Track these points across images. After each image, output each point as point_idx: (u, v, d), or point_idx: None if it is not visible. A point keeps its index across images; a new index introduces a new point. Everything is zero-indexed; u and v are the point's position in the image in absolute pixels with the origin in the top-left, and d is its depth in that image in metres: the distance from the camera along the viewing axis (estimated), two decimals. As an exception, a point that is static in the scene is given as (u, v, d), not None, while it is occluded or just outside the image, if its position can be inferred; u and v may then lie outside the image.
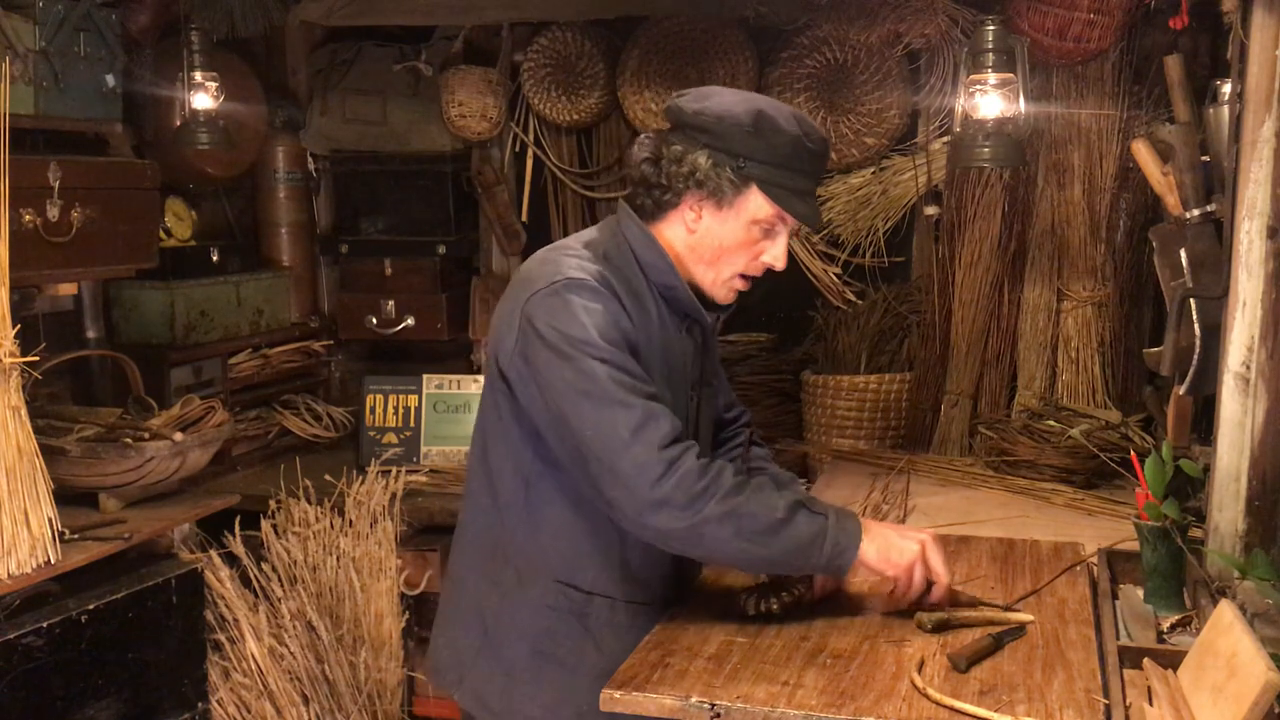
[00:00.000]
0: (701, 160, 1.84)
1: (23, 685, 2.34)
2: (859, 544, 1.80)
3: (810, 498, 1.84)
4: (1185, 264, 2.19)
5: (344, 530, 3.22)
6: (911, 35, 3.34)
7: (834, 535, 1.78)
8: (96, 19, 2.92)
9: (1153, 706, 1.60)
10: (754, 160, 1.83)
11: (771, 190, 1.83)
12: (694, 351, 1.99)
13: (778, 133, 1.82)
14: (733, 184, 1.83)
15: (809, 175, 1.88)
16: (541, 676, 1.93)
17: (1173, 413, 2.31)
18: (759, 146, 1.82)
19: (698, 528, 1.72)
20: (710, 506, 1.72)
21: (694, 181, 1.85)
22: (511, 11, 3.60)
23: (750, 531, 1.74)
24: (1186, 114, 2.41)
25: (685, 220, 1.89)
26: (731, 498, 1.73)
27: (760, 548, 1.75)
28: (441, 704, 3.48)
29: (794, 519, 1.76)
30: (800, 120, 1.84)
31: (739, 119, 1.83)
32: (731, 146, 1.83)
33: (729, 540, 1.74)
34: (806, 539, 1.77)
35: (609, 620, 1.91)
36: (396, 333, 4.01)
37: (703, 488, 1.72)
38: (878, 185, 3.66)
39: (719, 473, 1.74)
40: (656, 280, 1.90)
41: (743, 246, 1.89)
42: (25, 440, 2.33)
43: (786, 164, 1.83)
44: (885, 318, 3.72)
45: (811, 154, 1.86)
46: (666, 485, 1.71)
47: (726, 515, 1.72)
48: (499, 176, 3.99)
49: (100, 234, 2.92)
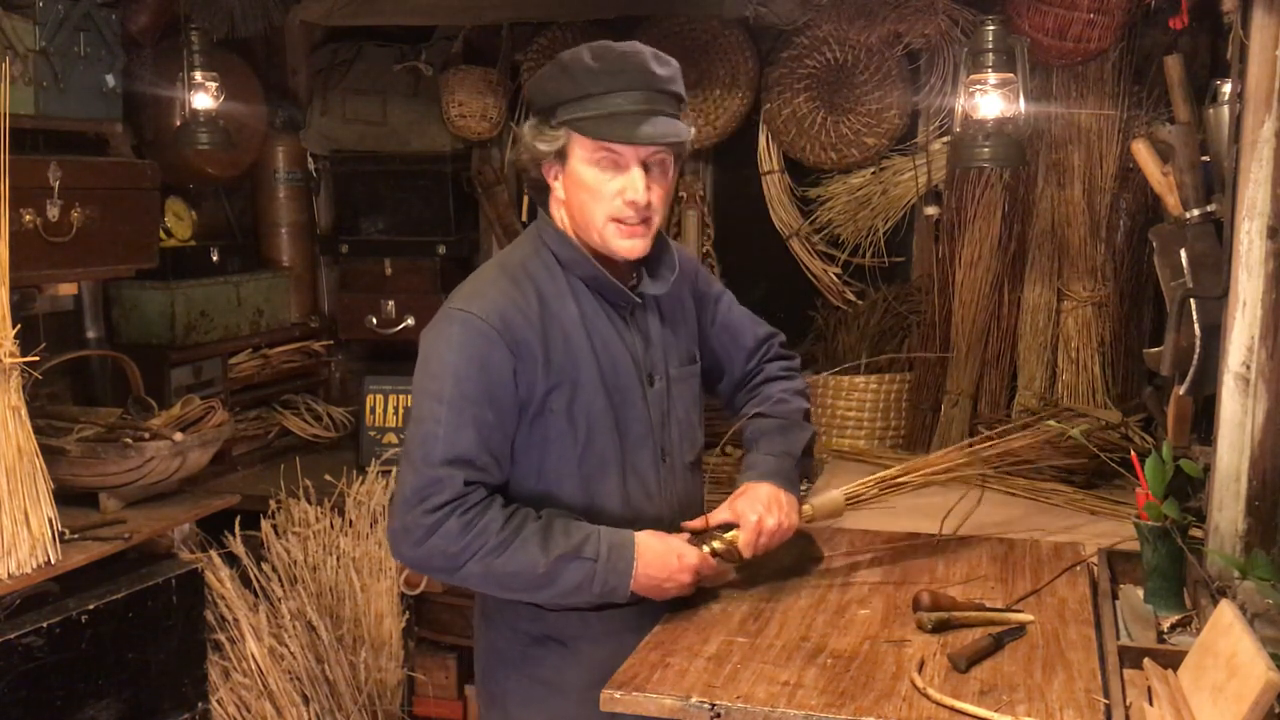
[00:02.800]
0: (527, 128, 1.87)
1: (23, 685, 2.34)
2: (629, 581, 1.82)
3: (587, 537, 1.81)
4: (1185, 264, 2.19)
5: (344, 530, 3.22)
6: (911, 35, 3.34)
7: (603, 577, 1.81)
8: (96, 19, 2.92)
9: (1153, 706, 1.60)
10: (561, 103, 1.81)
11: (581, 125, 1.80)
12: (646, 338, 1.96)
13: (565, 68, 1.81)
14: (553, 138, 1.83)
15: (618, 93, 1.78)
16: (530, 700, 1.95)
17: (1173, 413, 2.31)
18: (559, 89, 1.81)
19: (461, 582, 1.82)
20: (469, 567, 1.77)
21: (533, 152, 1.86)
22: (511, 11, 3.59)
23: (512, 587, 1.81)
24: (1186, 114, 2.41)
25: (556, 195, 1.89)
26: (491, 558, 1.76)
27: (527, 596, 1.84)
28: (441, 704, 3.48)
29: (555, 571, 1.78)
30: (596, 47, 1.80)
31: (541, 76, 1.85)
32: (542, 102, 1.84)
33: (494, 591, 1.85)
34: (573, 586, 1.80)
35: (582, 632, 1.91)
36: (396, 333, 4.01)
37: (461, 548, 1.75)
38: (878, 185, 3.66)
39: (481, 530, 1.76)
40: (579, 274, 1.90)
41: (596, 194, 1.83)
42: (25, 440, 2.33)
43: (584, 92, 1.79)
44: (885, 318, 3.72)
45: (603, 73, 1.78)
46: (424, 549, 1.77)
47: (486, 575, 1.78)
48: (499, 176, 4.00)
49: (100, 234, 2.92)
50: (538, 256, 1.91)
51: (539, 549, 1.77)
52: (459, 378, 1.78)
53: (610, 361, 1.89)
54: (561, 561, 1.77)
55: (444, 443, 1.77)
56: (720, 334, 2.15)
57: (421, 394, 1.82)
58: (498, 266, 1.92)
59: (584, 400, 1.86)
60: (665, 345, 1.99)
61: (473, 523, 1.75)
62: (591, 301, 1.90)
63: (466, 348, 1.79)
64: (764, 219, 3.76)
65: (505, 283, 1.86)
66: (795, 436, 2.08)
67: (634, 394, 1.92)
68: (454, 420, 1.78)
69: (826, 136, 3.60)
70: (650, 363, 1.96)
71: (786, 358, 2.23)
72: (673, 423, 1.99)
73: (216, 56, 3.38)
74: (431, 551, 1.76)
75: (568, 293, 1.88)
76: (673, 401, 1.99)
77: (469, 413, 1.78)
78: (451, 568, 1.78)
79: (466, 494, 1.77)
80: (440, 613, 3.47)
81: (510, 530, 1.77)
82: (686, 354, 2.05)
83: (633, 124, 1.77)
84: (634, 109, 1.78)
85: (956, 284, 3.45)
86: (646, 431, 1.94)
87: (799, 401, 2.16)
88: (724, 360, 2.18)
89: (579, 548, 1.79)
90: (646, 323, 1.97)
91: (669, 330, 2.01)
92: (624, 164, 1.81)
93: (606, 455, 1.89)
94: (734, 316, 2.18)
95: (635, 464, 1.93)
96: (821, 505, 2.12)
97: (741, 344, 2.18)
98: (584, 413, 1.86)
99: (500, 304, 1.82)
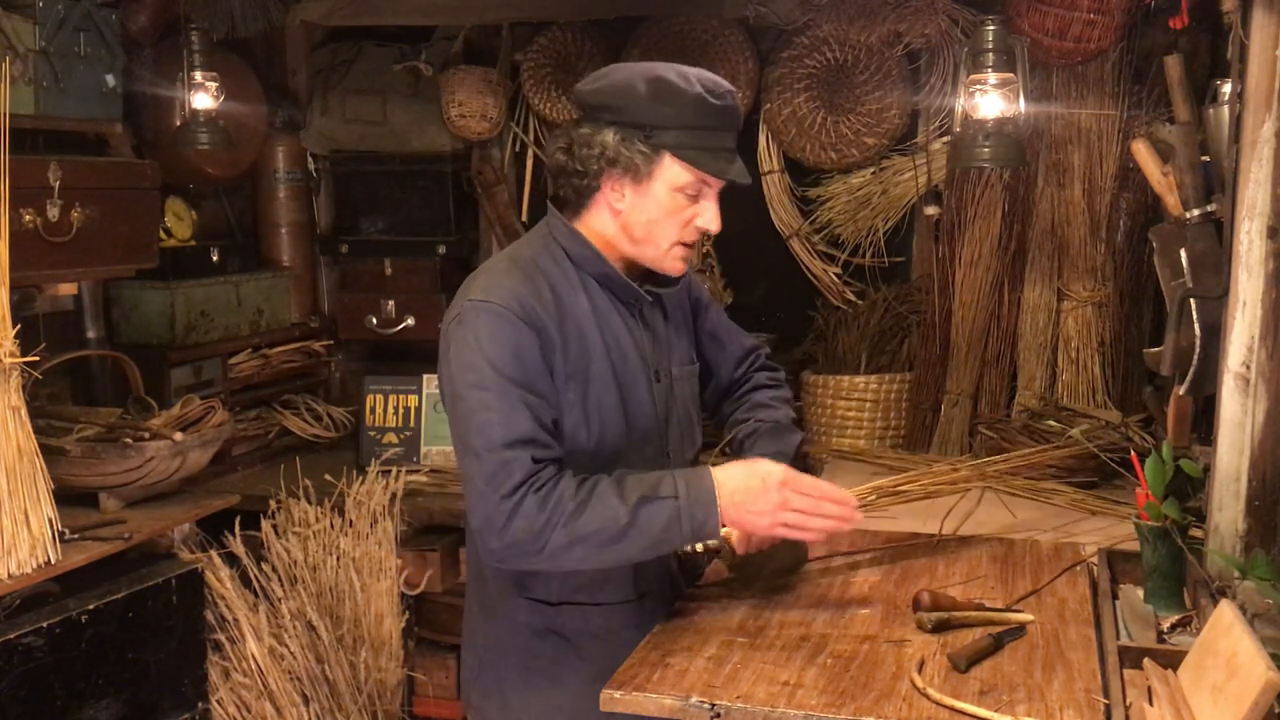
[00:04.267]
0: (609, 138, 1.82)
1: (23, 685, 2.34)
2: (716, 510, 1.77)
3: (662, 478, 1.78)
4: (1185, 264, 2.18)
5: (344, 530, 3.22)
6: (911, 35, 3.34)
7: (689, 511, 1.76)
8: (96, 19, 2.92)
9: (1153, 706, 1.60)
10: (661, 127, 1.80)
11: (685, 154, 1.80)
12: (653, 335, 1.98)
13: (679, 95, 1.79)
14: (644, 155, 1.81)
15: (721, 131, 1.83)
16: (531, 692, 1.95)
17: (1173, 413, 2.31)
18: (663, 112, 1.80)
19: (552, 559, 1.75)
20: (554, 537, 1.72)
21: (606, 161, 1.83)
22: (511, 11, 3.60)
23: (600, 544, 1.75)
24: (1186, 114, 2.41)
25: (610, 203, 1.87)
26: (573, 521, 1.73)
27: (619, 552, 1.77)
28: (441, 704, 3.48)
29: (639, 516, 1.74)
30: (701, 78, 1.81)
31: (637, 89, 1.81)
32: (636, 118, 1.81)
33: (586, 557, 1.77)
34: (660, 527, 1.75)
35: (584, 627, 1.92)
36: (396, 333, 4.01)
37: (543, 523, 1.72)
38: (878, 185, 3.66)
39: (558, 500, 1.73)
40: (591, 272, 1.90)
41: (671, 215, 1.85)
42: (25, 440, 2.33)
43: (694, 124, 1.80)
44: (885, 318, 3.72)
45: (718, 110, 1.81)
46: (509, 533, 1.73)
47: (573, 541, 1.73)
48: (499, 176, 4.00)
49: (100, 234, 2.92)
50: (548, 252, 1.91)
51: (617, 500, 1.74)
52: (496, 364, 1.77)
53: (621, 356, 1.91)
54: (642, 505, 1.74)
55: (501, 427, 1.75)
56: (709, 341, 2.18)
57: (463, 387, 1.79)
58: (508, 259, 1.92)
59: (596, 393, 1.87)
60: (670, 344, 2.02)
61: (548, 496, 1.73)
62: (602, 297, 1.91)
63: (496, 335, 1.78)
64: (764, 219, 3.76)
65: (519, 274, 1.86)
66: (787, 438, 2.10)
67: (641, 389, 1.93)
68: (503, 405, 1.76)
69: (826, 136, 3.60)
70: (657, 359, 1.98)
71: (772, 368, 2.27)
72: (674, 420, 2.01)
73: (216, 56, 3.38)
74: (516, 534, 1.73)
75: (579, 288, 1.89)
76: (675, 399, 2.02)
77: (514, 394, 1.77)
78: (538, 545, 1.73)
79: (538, 471, 1.75)
80: (440, 613, 3.48)
81: (585, 491, 1.75)
82: (687, 354, 2.08)
83: (729, 160, 1.85)
84: (729, 146, 1.86)
85: (956, 284, 3.45)
86: (652, 427, 1.96)
87: (786, 409, 2.19)
88: (712, 367, 2.21)
89: (656, 488, 1.76)
90: (654, 320, 1.99)
91: (672, 330, 2.03)
92: (708, 194, 1.86)
93: (618, 449, 1.90)
94: (721, 326, 2.21)
95: (642, 459, 1.93)
96: None
97: (729, 353, 2.21)
98: (596, 406, 1.87)
99: (518, 292, 1.82)
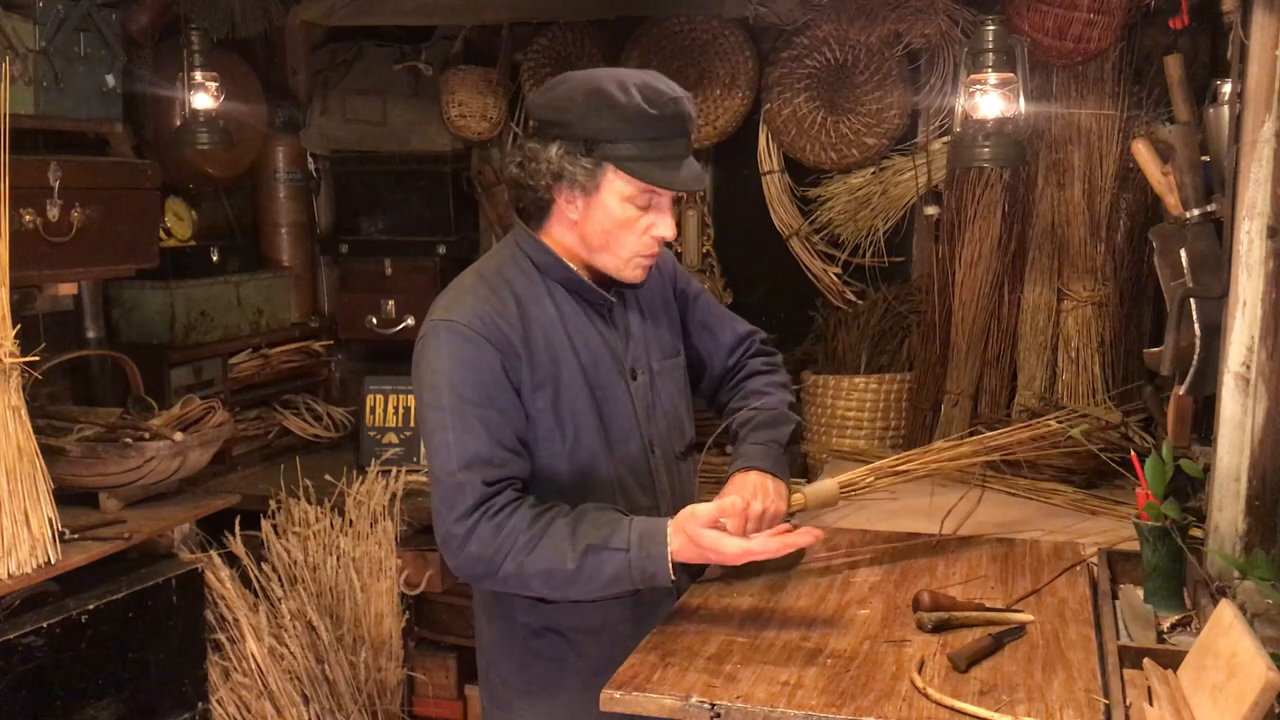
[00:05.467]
0: (554, 152, 1.82)
1: (23, 685, 2.34)
2: (666, 564, 1.75)
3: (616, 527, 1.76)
4: (1185, 264, 2.18)
5: (344, 530, 3.22)
6: (911, 35, 3.34)
7: (639, 565, 1.75)
8: (96, 19, 2.92)
9: (1153, 706, 1.60)
10: (602, 140, 1.79)
11: (626, 166, 1.79)
12: (627, 334, 1.98)
13: (616, 107, 1.77)
14: (586, 170, 1.80)
15: (664, 140, 1.80)
16: (532, 691, 1.96)
17: (1173, 413, 2.30)
18: (603, 125, 1.78)
19: (505, 585, 1.81)
20: (505, 566, 1.76)
21: (552, 175, 1.83)
22: (511, 11, 3.60)
23: (548, 583, 1.78)
24: (1186, 114, 2.41)
25: (567, 216, 1.88)
26: (523, 555, 1.75)
27: (570, 592, 1.80)
28: (441, 704, 3.48)
29: (586, 564, 1.74)
30: (643, 87, 1.78)
31: (576, 101, 1.79)
32: (577, 131, 1.80)
33: (540, 590, 1.80)
34: (608, 577, 1.76)
35: (580, 623, 1.92)
36: (396, 333, 4.01)
37: (494, 551, 1.75)
38: (878, 185, 3.66)
39: (512, 531, 1.75)
40: (556, 278, 1.91)
41: (626, 227, 1.84)
42: (25, 440, 2.33)
43: (634, 135, 1.78)
44: (885, 318, 3.72)
45: (657, 119, 1.78)
46: (464, 555, 1.77)
47: (523, 574, 1.76)
48: (499, 177, 3.99)
49: (100, 234, 2.92)
50: (514, 262, 1.93)
51: (568, 543, 1.75)
52: (454, 384, 1.80)
53: (591, 359, 1.91)
54: (590, 553, 1.74)
55: (456, 448, 1.78)
56: (700, 332, 2.18)
57: (424, 408, 1.84)
58: (475, 273, 1.95)
59: (568, 398, 1.88)
60: (647, 340, 2.02)
61: (503, 525, 1.75)
62: (569, 302, 1.92)
63: (455, 354, 1.81)
64: (764, 219, 3.76)
65: (483, 289, 1.88)
66: (781, 426, 2.09)
67: (616, 389, 1.94)
68: (459, 425, 1.79)
69: (826, 136, 3.60)
70: (632, 358, 1.98)
71: (768, 353, 2.24)
72: (659, 414, 2.01)
73: (216, 56, 3.38)
74: (470, 558, 1.77)
75: (545, 295, 1.91)
76: (657, 394, 2.02)
77: (471, 414, 1.79)
78: (492, 570, 1.77)
79: (492, 495, 1.77)
80: (440, 613, 3.48)
81: (539, 527, 1.76)
82: (670, 347, 2.08)
83: (676, 169, 1.82)
84: (676, 154, 1.82)
85: (956, 284, 3.45)
86: (632, 425, 1.95)
87: (782, 394, 2.17)
88: (705, 357, 2.20)
89: (608, 538, 1.76)
90: (626, 319, 1.99)
91: (650, 325, 2.03)
92: (659, 204, 1.85)
93: (594, 450, 1.91)
94: (712, 315, 2.19)
95: (623, 457, 1.94)
96: (814, 493, 2.12)
97: (721, 341, 2.20)
98: (569, 410, 1.88)
99: (479, 308, 1.84)
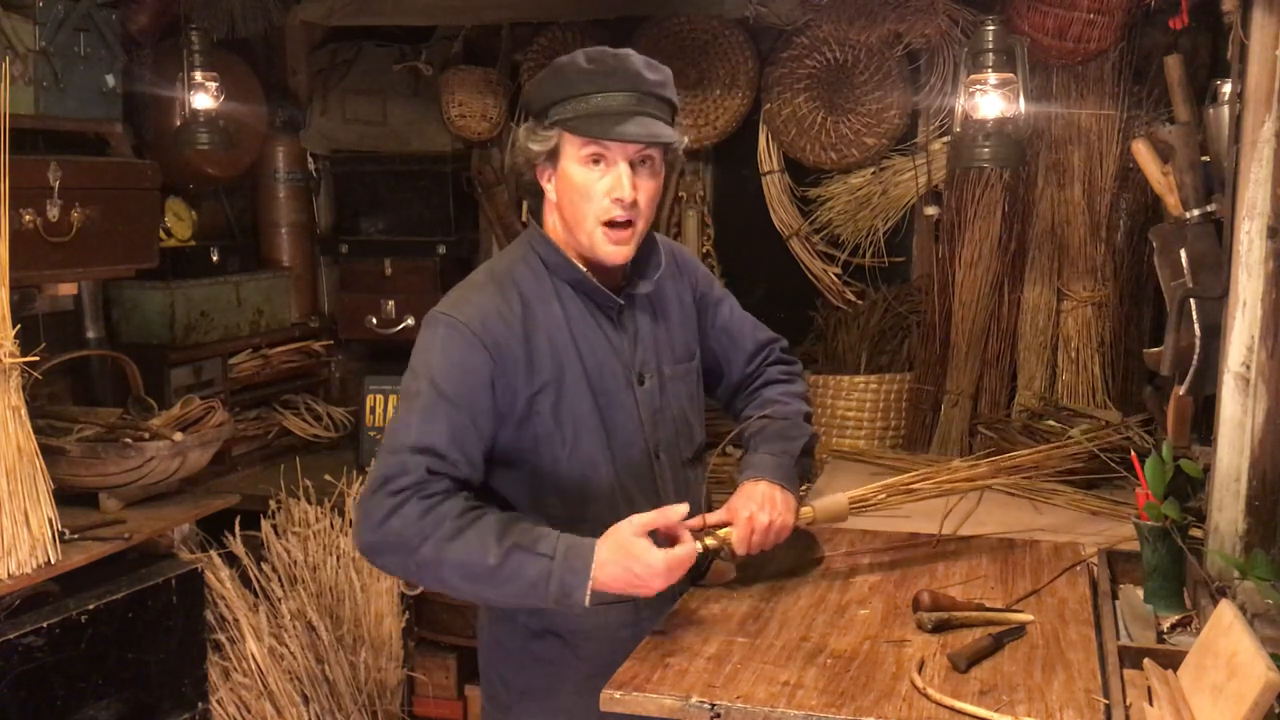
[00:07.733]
0: (521, 132, 1.89)
1: (23, 685, 2.34)
2: (587, 582, 1.71)
3: (545, 535, 1.75)
4: (1185, 264, 2.19)
5: (344, 530, 3.22)
6: (911, 35, 3.34)
7: (560, 575, 1.72)
8: (96, 19, 2.92)
9: (1153, 706, 1.60)
10: (550, 106, 1.84)
11: (570, 124, 1.82)
12: (635, 338, 1.96)
13: (559, 70, 1.85)
14: (543, 138, 1.85)
15: (607, 93, 1.81)
16: (531, 692, 1.96)
17: (1173, 413, 2.31)
18: (551, 91, 1.84)
19: (419, 571, 1.76)
20: (425, 550, 1.73)
21: (527, 154, 1.88)
22: (511, 11, 3.60)
23: (465, 575, 1.74)
24: (1186, 114, 2.41)
25: (550, 199, 1.91)
26: (445, 542, 1.72)
27: (485, 591, 1.77)
28: (441, 704, 3.48)
29: (507, 563, 1.72)
30: (588, 50, 1.85)
31: (536, 79, 1.90)
32: (536, 105, 1.87)
33: (452, 584, 1.77)
34: (527, 581, 1.72)
35: (579, 626, 1.91)
36: (396, 333, 4.01)
37: (417, 532, 1.72)
38: (878, 185, 3.66)
39: (440, 517, 1.73)
40: (565, 278, 1.91)
41: (586, 193, 1.84)
42: (25, 440, 2.33)
43: (575, 91, 1.82)
44: (885, 318, 3.72)
45: (595, 73, 1.82)
46: (383, 530, 1.74)
47: (440, 561, 1.73)
48: (499, 176, 3.99)
49: (100, 234, 2.92)
50: (525, 262, 1.93)
51: (493, 538, 1.73)
52: (437, 377, 1.80)
53: (596, 363, 1.90)
54: (513, 552, 1.72)
55: (415, 431, 1.78)
56: (720, 337, 2.16)
57: (401, 394, 1.85)
58: (486, 271, 1.95)
59: (569, 402, 1.87)
60: (657, 343, 2.00)
61: (432, 509, 1.73)
62: (577, 304, 1.92)
63: (448, 350, 1.82)
64: (764, 219, 3.76)
65: (491, 288, 1.88)
66: (794, 437, 2.08)
67: (621, 394, 1.93)
68: (427, 413, 1.79)
69: (826, 136, 3.60)
70: (639, 362, 1.96)
71: (787, 362, 2.23)
72: (666, 420, 1.99)
73: (216, 56, 3.38)
74: (388, 534, 1.73)
75: (553, 296, 1.90)
76: (666, 399, 1.99)
77: (442, 408, 1.79)
78: (408, 549, 1.73)
79: (429, 481, 1.75)
80: (440, 613, 3.48)
81: (468, 519, 1.74)
82: (683, 351, 2.05)
83: (619, 121, 1.80)
84: (622, 108, 1.81)
85: (956, 284, 3.45)
86: (636, 430, 1.94)
87: (799, 404, 2.15)
88: (723, 363, 2.18)
89: (534, 542, 1.74)
90: (636, 322, 1.97)
91: (661, 328, 2.01)
92: (611, 161, 1.83)
93: (595, 455, 1.90)
94: (734, 321, 2.18)
95: (626, 462, 1.93)
96: (824, 508, 2.10)
97: (741, 347, 2.18)
98: (570, 414, 1.87)
99: (483, 309, 1.84)
